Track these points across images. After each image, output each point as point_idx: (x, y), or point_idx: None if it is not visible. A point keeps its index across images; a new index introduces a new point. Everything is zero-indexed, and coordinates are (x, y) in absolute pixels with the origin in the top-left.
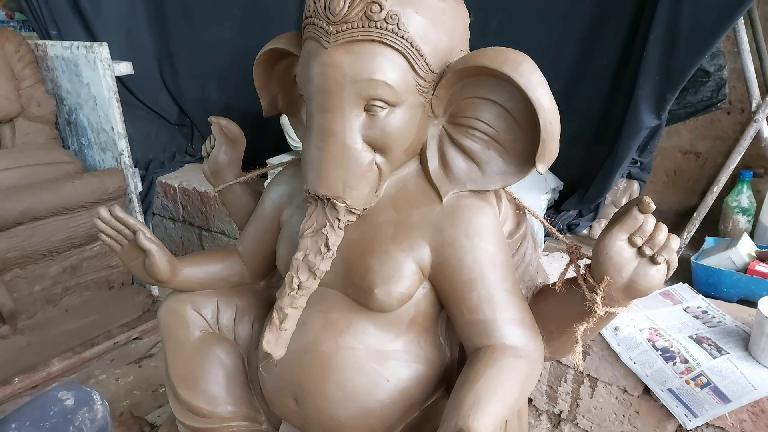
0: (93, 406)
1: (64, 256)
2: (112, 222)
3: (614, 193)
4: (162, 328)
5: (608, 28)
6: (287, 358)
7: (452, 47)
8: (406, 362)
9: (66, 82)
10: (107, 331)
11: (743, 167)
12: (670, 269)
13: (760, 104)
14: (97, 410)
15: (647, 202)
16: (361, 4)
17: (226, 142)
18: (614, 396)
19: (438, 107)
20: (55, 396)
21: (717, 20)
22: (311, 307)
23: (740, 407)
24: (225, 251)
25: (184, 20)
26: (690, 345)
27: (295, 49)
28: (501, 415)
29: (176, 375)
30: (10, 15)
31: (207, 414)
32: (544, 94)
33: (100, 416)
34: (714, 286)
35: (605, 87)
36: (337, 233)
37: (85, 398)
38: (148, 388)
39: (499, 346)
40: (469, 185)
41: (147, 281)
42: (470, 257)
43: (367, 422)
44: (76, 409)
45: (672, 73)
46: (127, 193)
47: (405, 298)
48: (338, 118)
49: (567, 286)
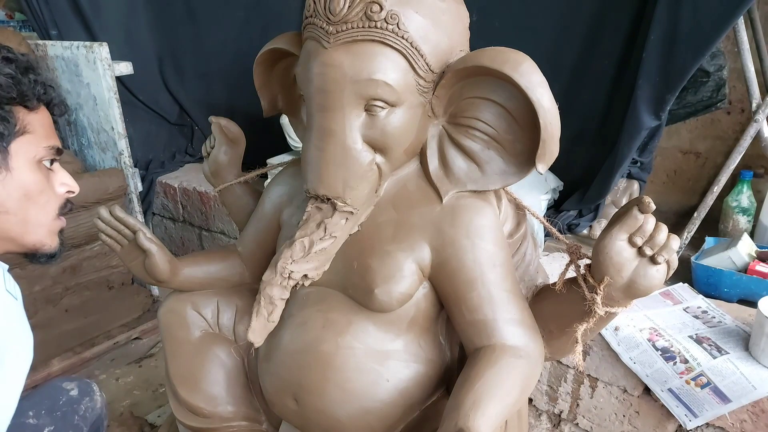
0: (93, 397)
1: (64, 256)
2: (112, 222)
3: (614, 193)
4: (162, 328)
5: (608, 29)
6: (287, 358)
7: (452, 47)
8: (406, 362)
9: (66, 82)
10: (107, 331)
11: (743, 167)
12: (670, 269)
13: (760, 104)
14: (96, 400)
15: (647, 202)
16: (361, 4)
17: (226, 142)
18: (614, 396)
19: (438, 107)
20: (60, 386)
21: (716, 21)
22: (311, 307)
23: (740, 407)
24: (225, 251)
25: (188, 21)
26: (690, 345)
27: (295, 49)
28: (501, 415)
29: (176, 375)
30: (10, 15)
31: (207, 414)
32: (544, 94)
33: (98, 406)
34: (714, 286)
35: (605, 87)
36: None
37: (87, 389)
38: (148, 388)
39: (499, 346)
40: (469, 185)
41: (147, 281)
42: (470, 257)
43: (367, 422)
44: (79, 399)
45: (671, 74)
46: (127, 193)
47: (405, 298)
48: (338, 118)
49: (567, 286)
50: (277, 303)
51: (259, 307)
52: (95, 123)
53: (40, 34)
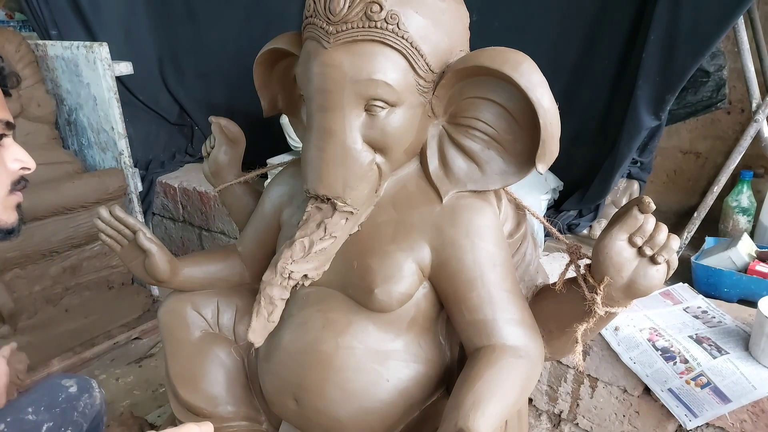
0: (92, 393)
1: (64, 256)
2: (112, 222)
3: (614, 193)
4: (162, 328)
5: (609, 29)
6: (287, 358)
7: (452, 47)
8: (406, 362)
9: (66, 82)
10: (107, 331)
11: (743, 167)
12: (670, 269)
13: (760, 104)
14: (95, 397)
15: (647, 202)
16: (361, 4)
17: (226, 142)
18: (614, 396)
19: (438, 107)
20: (59, 383)
21: (716, 21)
22: (311, 307)
23: (740, 407)
24: (225, 251)
25: (188, 20)
26: (690, 345)
27: (295, 49)
28: (501, 415)
29: (176, 375)
30: (10, 15)
31: (207, 414)
32: (544, 94)
33: (98, 402)
34: (714, 286)
35: (605, 87)
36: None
37: (86, 386)
38: (148, 388)
39: (499, 346)
40: (469, 185)
41: (147, 281)
42: (470, 257)
43: (367, 422)
44: (78, 395)
45: (671, 74)
46: (127, 193)
47: (405, 298)
48: (338, 118)
49: (567, 286)
50: (277, 303)
51: (259, 307)
52: (95, 123)
53: (40, 34)
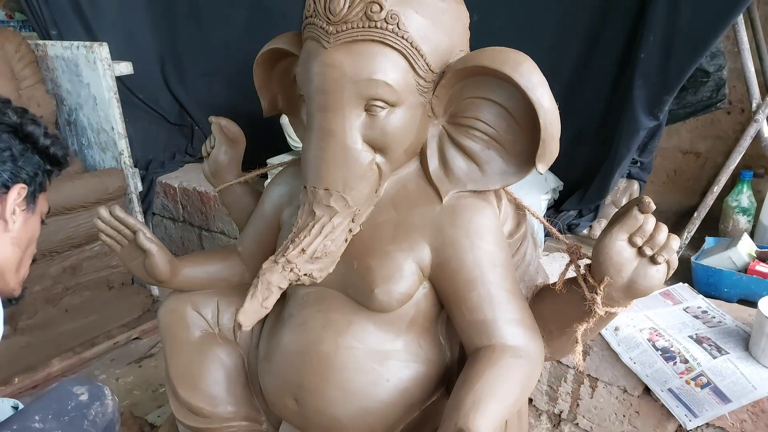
0: (104, 401)
1: (64, 256)
2: (112, 222)
3: (614, 193)
4: (162, 328)
5: (609, 29)
6: (287, 358)
7: (452, 47)
8: (406, 362)
9: (66, 82)
10: (107, 331)
11: (743, 167)
12: (670, 269)
13: (760, 104)
14: (107, 405)
15: (647, 202)
16: (361, 4)
17: (226, 142)
18: (614, 396)
19: (438, 107)
20: (70, 390)
21: (715, 21)
22: (311, 307)
23: (740, 407)
24: (225, 251)
25: (189, 20)
26: (690, 345)
27: (295, 49)
28: (501, 415)
29: (176, 375)
30: (10, 15)
31: (207, 414)
32: (544, 94)
33: (110, 411)
34: (714, 286)
35: (606, 87)
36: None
37: (98, 393)
38: (148, 388)
39: (499, 346)
40: (470, 185)
41: (147, 281)
42: (470, 257)
43: (367, 422)
44: (90, 403)
45: (670, 75)
46: (127, 193)
47: (405, 298)
48: (338, 118)
49: (567, 286)
50: (274, 290)
51: (255, 290)
52: (95, 123)
53: (40, 34)
